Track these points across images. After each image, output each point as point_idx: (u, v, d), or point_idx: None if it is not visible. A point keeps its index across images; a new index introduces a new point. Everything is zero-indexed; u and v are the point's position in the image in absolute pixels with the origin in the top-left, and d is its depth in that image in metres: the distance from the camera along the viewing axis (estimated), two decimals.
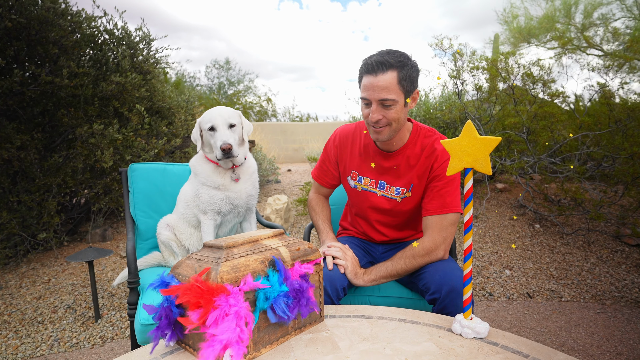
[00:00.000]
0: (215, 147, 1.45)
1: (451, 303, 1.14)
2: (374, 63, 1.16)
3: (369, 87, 1.19)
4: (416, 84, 1.23)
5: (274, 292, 0.81)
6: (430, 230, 1.26)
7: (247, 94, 15.10)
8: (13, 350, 2.01)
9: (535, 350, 0.81)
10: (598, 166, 3.74)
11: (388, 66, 1.16)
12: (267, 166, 5.58)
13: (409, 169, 1.33)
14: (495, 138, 0.85)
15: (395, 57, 1.17)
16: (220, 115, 1.47)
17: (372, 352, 0.82)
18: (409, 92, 1.21)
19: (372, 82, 1.17)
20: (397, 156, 1.34)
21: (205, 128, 1.48)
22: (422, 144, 1.32)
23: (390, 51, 1.20)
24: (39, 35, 2.94)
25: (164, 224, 1.64)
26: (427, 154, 1.29)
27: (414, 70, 1.20)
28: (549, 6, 7.15)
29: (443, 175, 1.27)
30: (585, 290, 2.57)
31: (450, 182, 1.27)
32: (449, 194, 1.26)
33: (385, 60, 1.15)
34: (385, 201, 1.38)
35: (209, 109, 1.54)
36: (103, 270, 3.04)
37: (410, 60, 1.20)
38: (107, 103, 3.50)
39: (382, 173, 1.37)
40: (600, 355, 1.86)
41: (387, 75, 1.16)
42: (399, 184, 1.35)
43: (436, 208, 1.26)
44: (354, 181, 1.44)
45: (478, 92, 4.28)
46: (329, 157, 1.50)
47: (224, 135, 1.45)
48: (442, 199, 1.26)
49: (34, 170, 3.14)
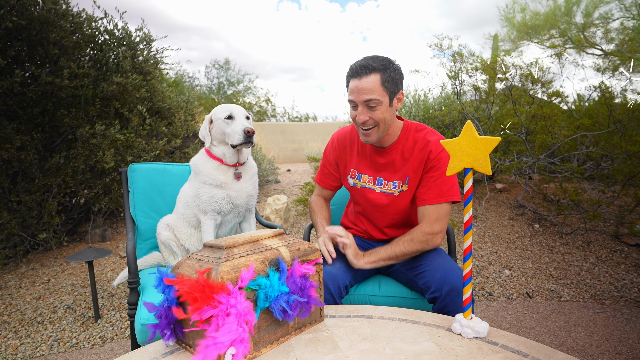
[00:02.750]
0: (234, 132, 1.48)
1: (451, 302, 1.14)
2: (358, 67, 1.24)
3: (355, 90, 1.26)
4: (400, 85, 1.29)
5: (274, 292, 0.81)
6: (427, 219, 1.30)
7: (246, 94, 15.10)
8: (13, 351, 2.01)
9: (534, 350, 0.81)
10: (597, 166, 3.74)
11: (371, 69, 1.23)
12: (267, 166, 5.58)
13: (403, 162, 1.37)
14: (494, 138, 0.85)
15: (378, 61, 1.24)
16: (237, 107, 1.54)
17: (372, 352, 0.82)
18: (393, 93, 1.27)
19: (357, 85, 1.25)
20: (391, 151, 1.39)
21: (221, 117, 1.51)
22: (414, 137, 1.37)
23: (374, 56, 1.26)
24: (40, 35, 2.94)
25: (164, 224, 1.64)
26: (420, 146, 1.34)
27: (396, 72, 1.26)
28: (551, 4, 7.16)
29: (438, 165, 1.30)
30: (585, 290, 2.57)
31: (443, 171, 1.31)
32: (445, 183, 1.30)
33: (368, 64, 1.23)
34: (383, 197, 1.41)
35: (209, 109, 1.56)
36: (103, 270, 3.04)
37: (393, 64, 1.27)
38: (108, 103, 3.51)
39: (380, 170, 1.42)
40: (600, 354, 1.87)
41: (371, 78, 1.23)
42: (395, 178, 1.39)
43: (433, 197, 1.30)
44: (353, 179, 1.48)
45: (476, 93, 4.29)
46: (329, 160, 1.57)
47: (244, 121, 1.51)
48: (438, 188, 1.30)
49: (34, 170, 3.14)
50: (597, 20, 6.88)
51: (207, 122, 1.56)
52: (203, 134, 1.57)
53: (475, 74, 4.17)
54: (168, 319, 0.81)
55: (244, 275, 0.79)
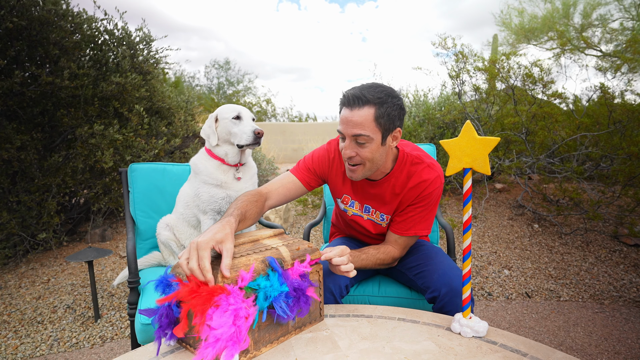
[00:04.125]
0: (243, 132, 1.48)
1: (450, 302, 1.14)
2: (351, 97, 1.11)
3: (344, 121, 1.13)
4: (397, 122, 1.15)
5: (274, 292, 0.81)
6: (399, 247, 1.30)
7: (246, 94, 15.10)
8: (13, 350, 2.01)
9: (533, 349, 0.82)
10: (596, 166, 3.75)
11: (365, 102, 1.09)
12: (267, 166, 5.58)
13: (394, 197, 1.28)
14: (494, 138, 0.86)
15: (374, 93, 1.10)
16: (243, 107, 1.54)
17: (371, 351, 0.83)
18: (388, 130, 1.13)
19: (347, 117, 1.11)
20: (381, 184, 1.29)
21: (228, 117, 1.51)
22: (408, 172, 1.26)
23: (373, 85, 1.13)
24: (40, 36, 2.94)
25: (164, 224, 1.64)
26: (413, 184, 1.24)
27: (394, 108, 1.12)
28: (549, 6, 7.17)
29: (426, 200, 1.24)
30: (584, 289, 2.58)
31: (427, 206, 1.26)
32: (425, 219, 1.27)
33: (362, 95, 1.09)
34: (371, 225, 1.38)
35: (209, 109, 1.56)
36: (102, 270, 3.04)
37: (393, 97, 1.12)
38: (107, 103, 3.51)
39: (369, 198, 1.34)
40: (599, 354, 1.87)
41: (363, 111, 1.09)
42: (383, 210, 1.32)
43: (404, 230, 1.28)
44: (344, 205, 1.41)
45: (477, 93, 4.29)
46: (315, 168, 1.38)
47: (252, 123, 1.51)
48: (412, 222, 1.26)
49: (34, 170, 3.14)
50: (596, 21, 6.89)
51: (212, 120, 1.54)
52: (207, 132, 1.55)
53: (476, 74, 4.18)
54: (169, 319, 0.81)
55: (243, 275, 0.80)
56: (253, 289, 0.80)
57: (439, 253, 1.35)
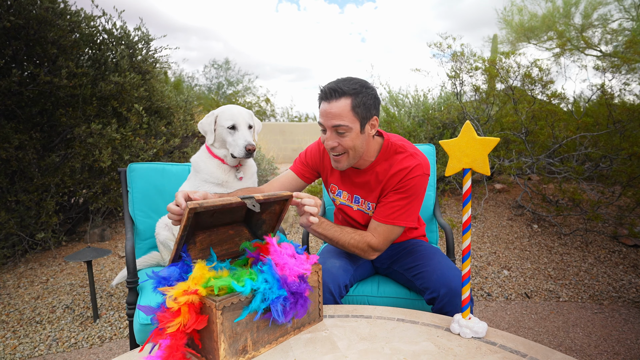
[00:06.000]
0: (236, 145, 1.46)
1: (449, 303, 1.14)
2: (328, 90, 1.18)
3: (323, 114, 1.20)
4: (374, 111, 1.22)
5: (272, 294, 0.81)
6: (379, 236, 1.26)
7: (246, 94, 15.09)
8: (11, 350, 2.01)
9: (533, 350, 0.82)
10: (596, 167, 3.75)
11: (341, 93, 1.17)
12: (266, 166, 5.57)
13: (377, 184, 1.31)
14: (493, 139, 0.86)
15: (349, 85, 1.17)
16: (241, 115, 1.49)
17: (370, 352, 0.82)
18: (365, 119, 1.20)
19: (326, 109, 1.19)
20: (367, 172, 1.33)
21: (225, 125, 1.48)
22: (392, 160, 1.29)
23: (347, 79, 1.20)
24: (38, 35, 2.93)
25: (163, 223, 1.64)
26: (394, 171, 1.26)
27: (369, 97, 1.19)
28: (550, 6, 7.17)
29: (407, 190, 1.24)
30: (583, 290, 2.58)
31: (408, 197, 1.25)
32: (405, 210, 1.25)
33: (338, 88, 1.17)
34: (360, 215, 1.39)
35: (208, 108, 1.55)
36: (101, 270, 3.03)
37: (367, 87, 1.20)
38: (106, 103, 3.50)
39: (357, 188, 1.37)
40: (598, 355, 1.87)
41: (341, 102, 1.17)
42: (370, 199, 1.35)
43: (383, 216, 1.26)
44: (333, 194, 1.45)
45: (476, 93, 4.29)
46: (308, 161, 1.50)
47: (246, 135, 1.47)
48: (392, 209, 1.25)
49: (32, 169, 3.13)
50: (596, 21, 6.90)
51: (212, 118, 1.52)
52: (205, 129, 1.53)
53: (475, 74, 4.18)
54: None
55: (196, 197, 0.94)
56: (253, 290, 0.80)
57: (437, 253, 1.34)
